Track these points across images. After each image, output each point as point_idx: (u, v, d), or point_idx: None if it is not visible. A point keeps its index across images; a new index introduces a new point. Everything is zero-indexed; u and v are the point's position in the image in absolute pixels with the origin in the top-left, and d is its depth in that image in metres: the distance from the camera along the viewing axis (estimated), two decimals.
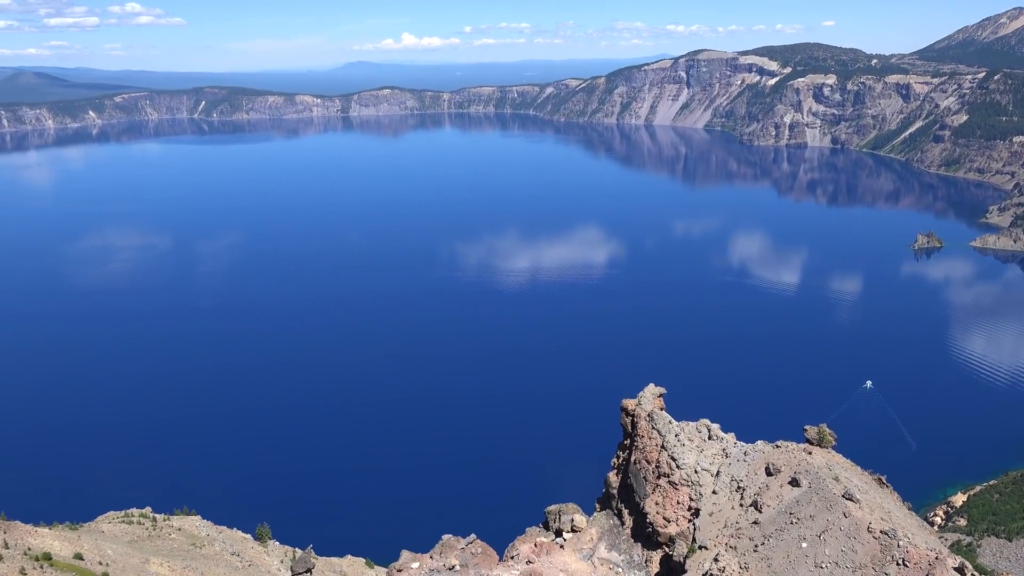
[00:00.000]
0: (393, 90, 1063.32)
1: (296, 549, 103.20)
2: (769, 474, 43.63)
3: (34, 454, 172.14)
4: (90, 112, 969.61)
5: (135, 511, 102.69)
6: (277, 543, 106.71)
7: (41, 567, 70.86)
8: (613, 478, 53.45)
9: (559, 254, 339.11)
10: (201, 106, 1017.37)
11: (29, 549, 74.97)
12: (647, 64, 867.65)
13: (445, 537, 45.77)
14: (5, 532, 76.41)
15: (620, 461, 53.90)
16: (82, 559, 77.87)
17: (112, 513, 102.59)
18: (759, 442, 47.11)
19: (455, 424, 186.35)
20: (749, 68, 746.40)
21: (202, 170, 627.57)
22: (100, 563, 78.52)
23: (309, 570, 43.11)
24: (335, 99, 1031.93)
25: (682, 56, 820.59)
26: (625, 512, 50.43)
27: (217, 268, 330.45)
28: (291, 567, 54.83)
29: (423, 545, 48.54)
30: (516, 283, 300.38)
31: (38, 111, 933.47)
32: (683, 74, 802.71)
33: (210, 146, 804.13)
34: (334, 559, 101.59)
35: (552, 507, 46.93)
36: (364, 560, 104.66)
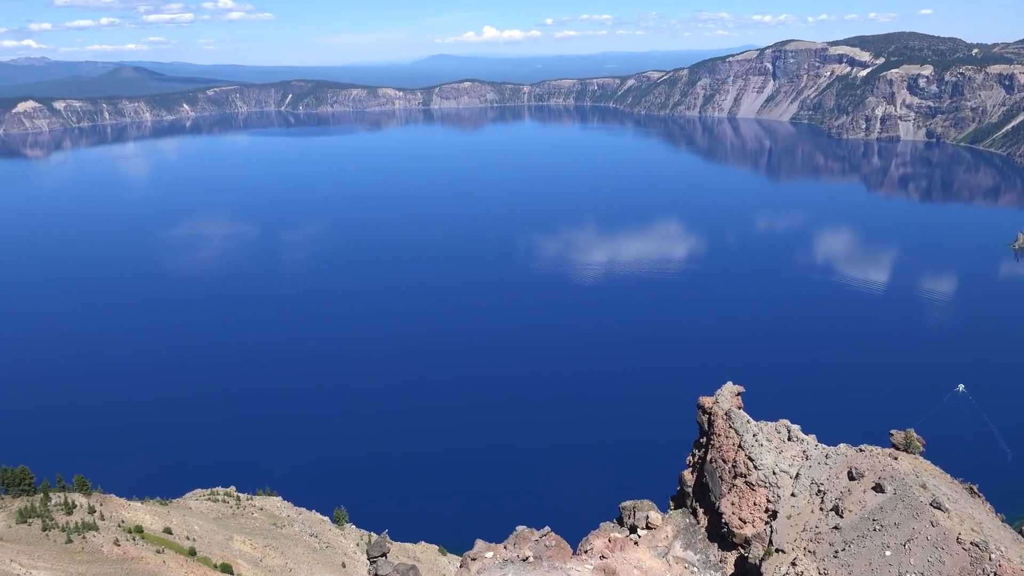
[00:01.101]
0: (473, 83, 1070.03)
1: (371, 533, 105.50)
2: (852, 478, 42.22)
3: (130, 433, 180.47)
4: (184, 105, 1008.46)
5: (220, 490, 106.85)
6: (353, 526, 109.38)
7: (133, 539, 74.43)
8: (688, 476, 52.59)
9: (636, 248, 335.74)
10: (288, 99, 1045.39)
11: (123, 521, 78.84)
12: (732, 55, 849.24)
13: (519, 528, 45.91)
14: (101, 504, 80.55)
15: (695, 459, 52.94)
16: (171, 533, 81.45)
17: (199, 491, 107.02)
18: (841, 445, 45.62)
19: (531, 416, 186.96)
20: (839, 59, 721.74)
21: (287, 161, 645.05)
22: (187, 538, 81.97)
23: (384, 554, 43.83)
24: (417, 92, 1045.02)
25: (768, 47, 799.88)
26: (700, 511, 49.59)
27: (301, 256, 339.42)
28: (367, 550, 55.92)
29: (496, 535, 48.83)
30: (593, 276, 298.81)
31: (136, 104, 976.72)
32: (769, 65, 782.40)
33: (295, 138, 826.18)
34: (408, 544, 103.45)
35: (627, 503, 46.54)
36: (437, 547, 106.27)
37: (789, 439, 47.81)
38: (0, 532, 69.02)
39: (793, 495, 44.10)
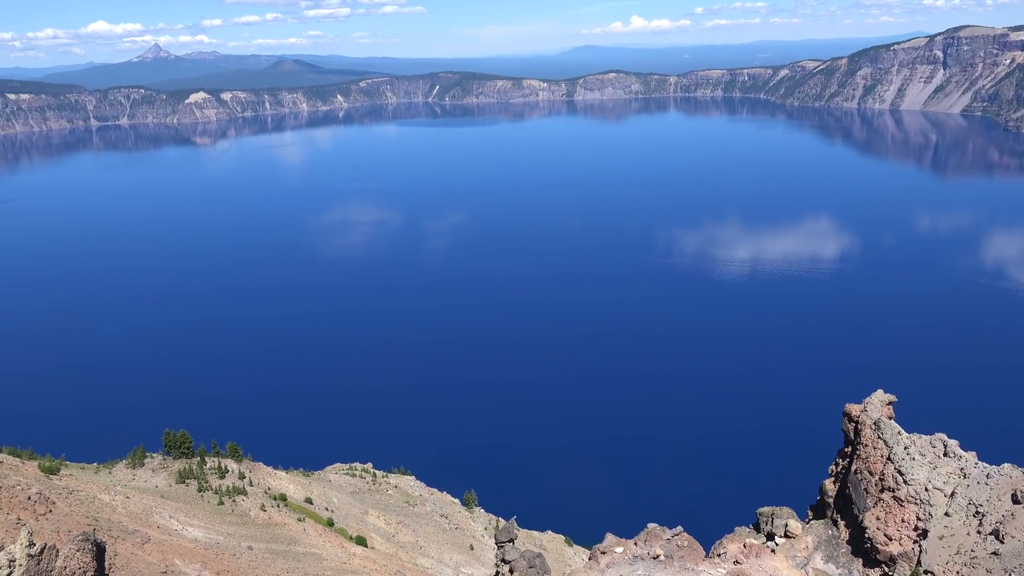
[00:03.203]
0: (618, 74, 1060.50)
1: (499, 518, 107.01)
2: (1016, 502, 38.60)
3: (281, 407, 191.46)
4: (338, 96, 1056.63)
5: (358, 465, 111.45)
6: (482, 510, 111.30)
7: (277, 506, 78.79)
8: (830, 486, 49.79)
9: (783, 245, 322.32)
10: (435, 90, 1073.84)
11: (269, 488, 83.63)
12: (897, 43, 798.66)
13: (651, 526, 44.97)
14: (250, 471, 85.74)
15: (839, 469, 50.02)
16: (311, 503, 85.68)
17: (339, 465, 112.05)
18: (1006, 465, 41.78)
19: (666, 412, 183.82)
20: (1022, 45, 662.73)
21: (432, 151, 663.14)
22: (327, 508, 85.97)
23: (511, 540, 44.12)
24: (561, 83, 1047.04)
25: (939, 33, 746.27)
26: (841, 524, 46.86)
27: (442, 245, 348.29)
28: (495, 535, 56.63)
29: (624, 531, 48.11)
30: (734, 273, 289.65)
31: (295, 95, 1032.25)
32: (939, 53, 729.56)
33: (441, 128, 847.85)
34: (535, 533, 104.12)
35: (764, 509, 44.62)
36: (564, 538, 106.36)
37: (945, 455, 44.30)
38: (162, 489, 74.79)
39: (947, 515, 40.85)
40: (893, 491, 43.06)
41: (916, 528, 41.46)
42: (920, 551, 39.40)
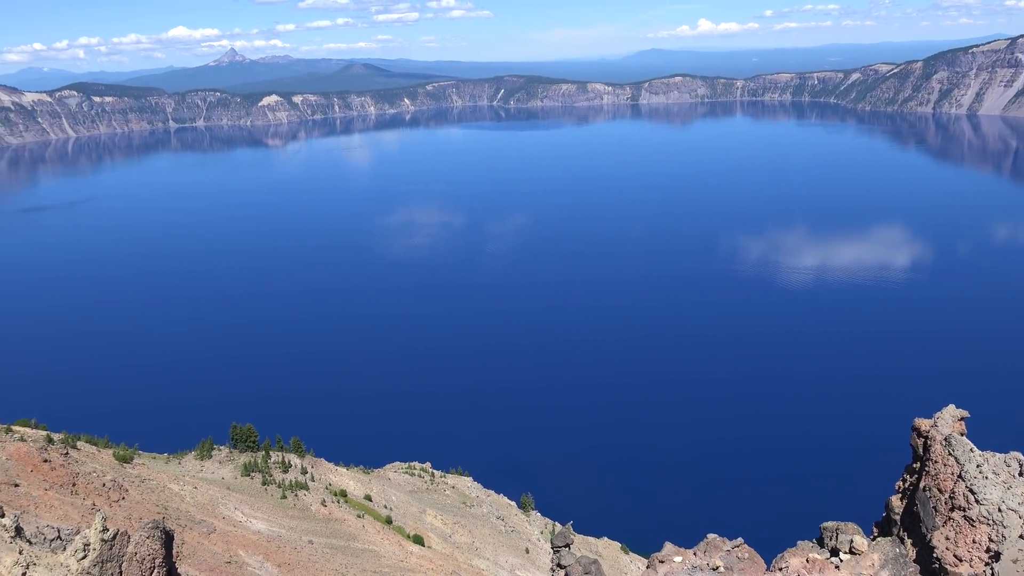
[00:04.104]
0: (684, 77, 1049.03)
1: (556, 523, 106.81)
2: None
3: (344, 405, 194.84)
4: (405, 99, 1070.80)
5: (417, 464, 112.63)
6: (538, 514, 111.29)
7: (338, 502, 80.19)
8: (896, 502, 48.39)
9: (852, 253, 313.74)
10: (500, 94, 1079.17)
11: (330, 484, 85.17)
12: (976, 46, 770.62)
13: (710, 536, 44.34)
14: (312, 467, 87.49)
15: (906, 485, 48.57)
16: (371, 500, 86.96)
17: (398, 463, 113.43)
18: None
19: (732, 420, 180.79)
20: None
21: (496, 154, 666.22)
22: (385, 506, 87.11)
23: (568, 545, 44.04)
24: (625, 87, 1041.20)
25: (1021, 35, 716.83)
26: (908, 542, 45.48)
27: (503, 247, 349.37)
28: (551, 539, 56.60)
29: (683, 540, 47.58)
30: (800, 280, 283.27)
31: (363, 99, 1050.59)
32: (1021, 56, 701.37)
33: (505, 132, 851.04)
34: (591, 538, 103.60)
35: (829, 523, 43.53)
36: (620, 545, 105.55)
37: (1020, 474, 42.59)
38: (228, 481, 76.91)
39: (1021, 537, 39.29)
40: (964, 510, 41.62)
41: (988, 550, 40.01)
42: (992, 574, 38.01)
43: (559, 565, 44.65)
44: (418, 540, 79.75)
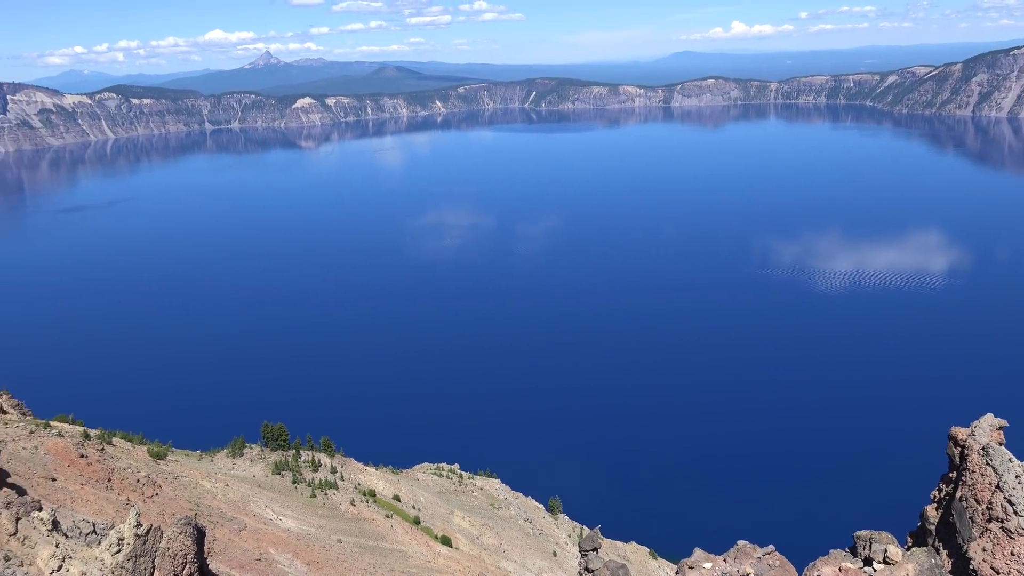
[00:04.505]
0: (717, 80, 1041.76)
1: (584, 526, 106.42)
2: None
3: (374, 406, 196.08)
4: (436, 102, 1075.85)
5: (445, 466, 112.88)
6: (566, 517, 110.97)
7: (367, 501, 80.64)
8: (932, 512, 47.49)
9: (888, 258, 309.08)
10: (531, 96, 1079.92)
11: (359, 484, 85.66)
12: (1018, 47, 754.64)
13: (741, 543, 43.82)
14: (342, 466, 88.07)
15: (942, 495, 47.66)
16: (399, 500, 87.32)
17: (426, 464, 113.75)
18: None
19: (762, 425, 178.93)
20: None
21: (527, 156, 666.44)
22: (413, 507, 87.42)
23: (596, 549, 43.81)
24: (657, 89, 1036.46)
25: None
26: (943, 553, 44.60)
27: (533, 250, 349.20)
28: (579, 543, 56.33)
29: (712, 546, 47.08)
30: (834, 285, 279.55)
31: (395, 101, 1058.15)
32: None
33: (536, 134, 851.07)
34: (619, 543, 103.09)
35: (862, 532, 42.79)
36: (648, 550, 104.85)
37: None
38: (259, 479, 77.71)
39: None
40: (1002, 522, 40.76)
41: None
42: None
43: (587, 569, 44.44)
44: (446, 541, 79.93)
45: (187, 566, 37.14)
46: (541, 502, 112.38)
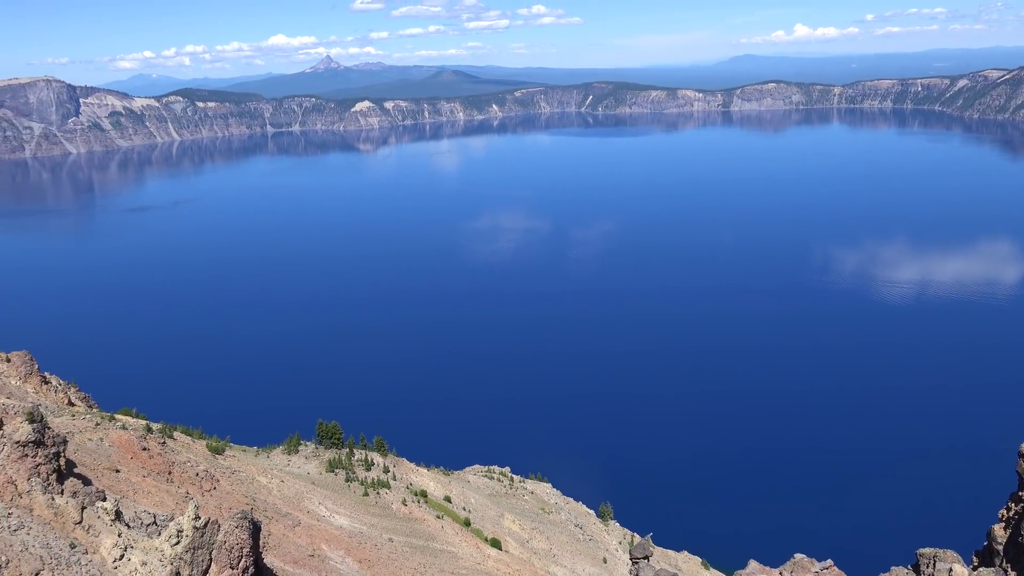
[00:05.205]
0: (778, 84, 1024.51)
1: (635, 534, 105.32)
2: None
3: (425, 405, 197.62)
4: (493, 106, 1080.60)
5: (496, 468, 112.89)
6: (617, 524, 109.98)
7: (418, 501, 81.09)
8: (999, 532, 45.81)
9: (955, 268, 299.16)
10: (588, 100, 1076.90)
11: (411, 484, 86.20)
12: None
13: (798, 556, 42.93)
14: (394, 466, 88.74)
15: (1011, 514, 45.96)
16: (450, 502, 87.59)
17: (477, 466, 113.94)
18: None
19: (821, 435, 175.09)
20: None
21: (582, 160, 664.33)
22: (464, 508, 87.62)
23: (647, 557, 43.31)
24: (717, 94, 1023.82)
25: None
26: (1012, 574, 42.94)
27: (588, 254, 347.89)
28: (630, 551, 55.75)
29: (767, 558, 46.25)
30: (898, 294, 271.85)
31: (452, 104, 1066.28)
32: None
33: (591, 138, 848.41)
34: (671, 552, 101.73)
35: (926, 550, 41.57)
36: (701, 560, 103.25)
37: None
38: (313, 476, 78.86)
39: None
40: None
41: None
42: None
43: None
44: (496, 544, 79.94)
45: (243, 559, 37.85)
46: (592, 508, 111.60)
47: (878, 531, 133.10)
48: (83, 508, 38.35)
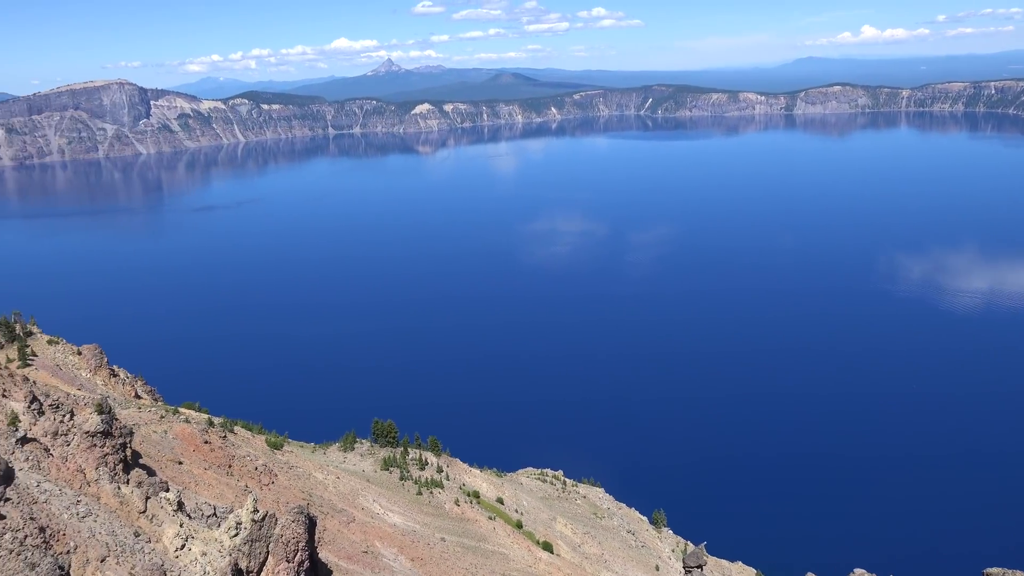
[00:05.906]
0: (844, 87, 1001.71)
1: (688, 542, 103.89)
2: None
3: (479, 406, 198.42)
4: (552, 108, 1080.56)
5: (549, 471, 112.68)
6: (670, 531, 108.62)
7: (471, 502, 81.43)
8: None
9: None
10: (648, 103, 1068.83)
11: (464, 484, 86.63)
12: None
13: (858, 571, 41.92)
14: (448, 466, 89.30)
15: None
16: (502, 503, 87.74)
17: (530, 469, 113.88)
18: None
19: (885, 447, 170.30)
20: None
21: (641, 163, 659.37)
22: (516, 510, 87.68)
23: (700, 566, 42.69)
24: (779, 96, 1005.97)
25: None
26: None
27: (646, 258, 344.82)
28: (683, 559, 55.04)
29: (824, 572, 45.12)
30: (966, 304, 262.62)
31: (511, 107, 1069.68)
32: None
33: (650, 141, 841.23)
34: (724, 562, 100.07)
35: (994, 570, 40.14)
36: (756, 571, 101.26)
37: None
38: (368, 474, 79.85)
39: None
40: None
41: None
42: None
43: None
44: (547, 547, 79.75)
45: (299, 553, 38.52)
46: (645, 514, 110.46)
47: (942, 549, 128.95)
48: (147, 498, 39.51)
